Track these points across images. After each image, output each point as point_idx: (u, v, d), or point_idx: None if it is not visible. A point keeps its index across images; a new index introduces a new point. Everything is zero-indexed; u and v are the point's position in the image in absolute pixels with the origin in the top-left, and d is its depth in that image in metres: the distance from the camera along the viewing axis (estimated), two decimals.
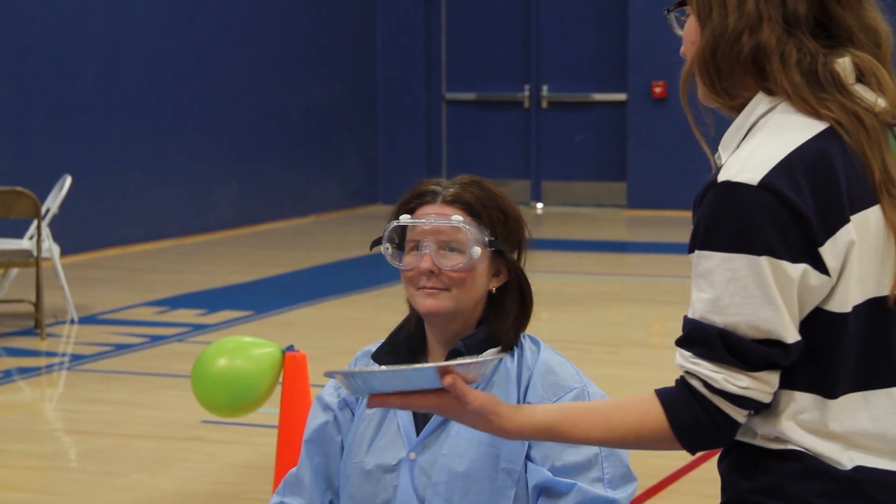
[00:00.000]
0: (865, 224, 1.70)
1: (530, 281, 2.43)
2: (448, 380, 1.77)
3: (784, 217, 1.66)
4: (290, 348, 3.43)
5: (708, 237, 1.70)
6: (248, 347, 3.39)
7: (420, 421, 2.36)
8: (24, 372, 6.67)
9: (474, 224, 2.34)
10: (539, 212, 13.09)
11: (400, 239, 2.40)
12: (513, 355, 2.37)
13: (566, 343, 6.97)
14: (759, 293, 1.67)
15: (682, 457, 5.02)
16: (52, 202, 7.88)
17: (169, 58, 10.83)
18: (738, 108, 1.79)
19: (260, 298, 8.50)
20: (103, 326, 7.65)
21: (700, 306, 1.72)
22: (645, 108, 12.66)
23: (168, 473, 4.95)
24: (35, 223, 7.52)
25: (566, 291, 8.65)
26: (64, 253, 8.55)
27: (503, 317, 2.36)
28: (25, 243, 7.82)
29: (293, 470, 2.50)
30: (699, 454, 1.88)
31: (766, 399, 1.71)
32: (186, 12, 11.00)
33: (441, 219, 2.34)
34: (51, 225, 7.86)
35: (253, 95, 11.71)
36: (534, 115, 13.21)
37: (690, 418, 1.71)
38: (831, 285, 1.69)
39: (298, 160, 12.32)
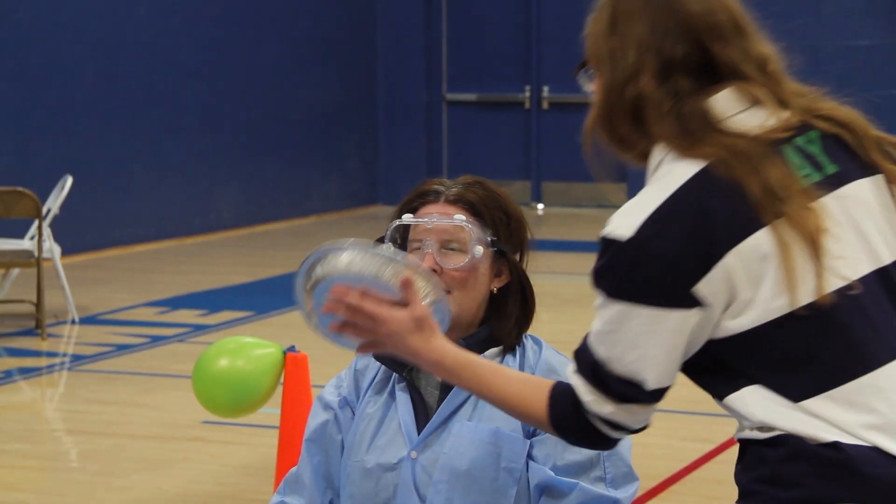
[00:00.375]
0: (756, 248, 1.77)
1: (532, 282, 2.43)
2: (407, 275, 1.94)
3: (653, 267, 1.77)
4: (292, 349, 3.43)
5: (596, 279, 1.84)
6: (249, 348, 3.40)
7: (421, 420, 2.36)
8: (25, 372, 6.67)
9: (477, 224, 2.35)
10: (540, 213, 13.09)
11: (402, 238, 2.41)
12: (514, 355, 2.37)
13: (567, 344, 6.94)
14: (626, 338, 1.80)
15: (682, 458, 5.02)
16: (53, 202, 7.88)
17: (169, 58, 10.83)
18: (644, 158, 1.90)
19: (261, 299, 8.50)
20: (104, 327, 7.66)
21: (592, 332, 1.86)
22: None
23: (169, 474, 4.95)
24: (36, 223, 7.52)
25: (567, 293, 8.64)
26: (65, 253, 8.55)
27: (505, 317, 2.36)
28: (26, 243, 7.83)
29: (293, 469, 2.50)
30: (698, 456, 1.94)
31: (636, 425, 1.87)
32: (187, 13, 11.00)
33: (444, 218, 2.34)
34: (52, 225, 7.87)
35: (254, 96, 11.72)
36: (534, 116, 13.22)
37: (567, 420, 1.88)
38: (716, 316, 1.79)
39: (299, 160, 12.32)
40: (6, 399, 6.17)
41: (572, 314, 7.86)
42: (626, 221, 1.81)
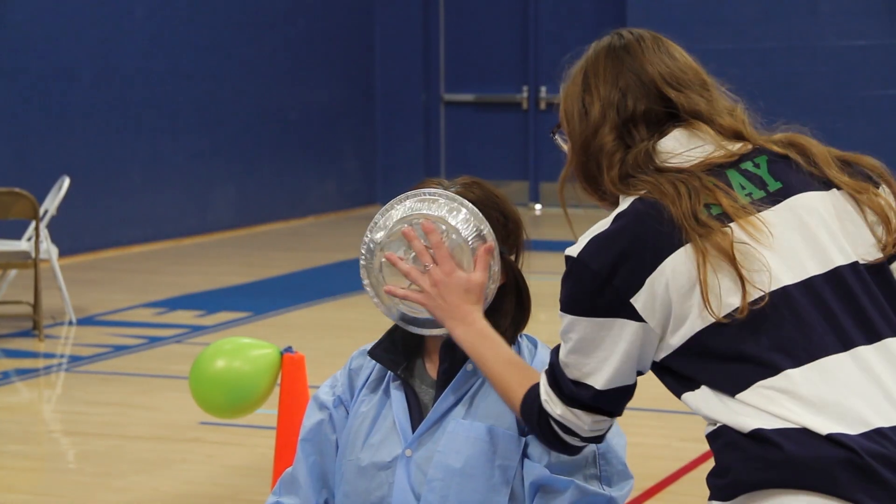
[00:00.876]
0: (678, 265, 1.96)
1: (528, 282, 2.43)
2: (492, 245, 2.32)
3: (591, 283, 2.00)
4: (289, 350, 3.43)
5: (560, 294, 2.06)
6: (246, 349, 3.39)
7: (415, 417, 2.36)
8: (23, 373, 6.67)
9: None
10: (537, 213, 13.10)
11: None
12: None
13: None
14: (578, 345, 2.02)
15: (679, 458, 5.02)
16: (51, 203, 7.88)
17: (167, 59, 10.83)
18: (615, 204, 2.09)
19: (258, 300, 8.50)
20: (101, 328, 7.65)
21: (561, 337, 2.07)
22: None
23: (166, 475, 4.95)
24: (33, 224, 7.52)
25: None
26: (62, 254, 8.56)
27: (501, 317, 2.36)
28: (23, 245, 7.82)
29: (289, 469, 2.50)
30: (696, 456, 2.00)
31: (583, 433, 2.05)
32: (184, 14, 11.00)
33: None
34: (49, 226, 7.86)
35: (251, 97, 11.72)
36: (532, 117, 13.22)
37: (530, 414, 2.09)
38: (656, 331, 1.98)
39: (296, 161, 12.32)
40: (3, 400, 6.17)
41: None
42: (578, 244, 2.07)
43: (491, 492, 2.28)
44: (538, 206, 13.28)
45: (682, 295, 1.96)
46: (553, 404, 2.05)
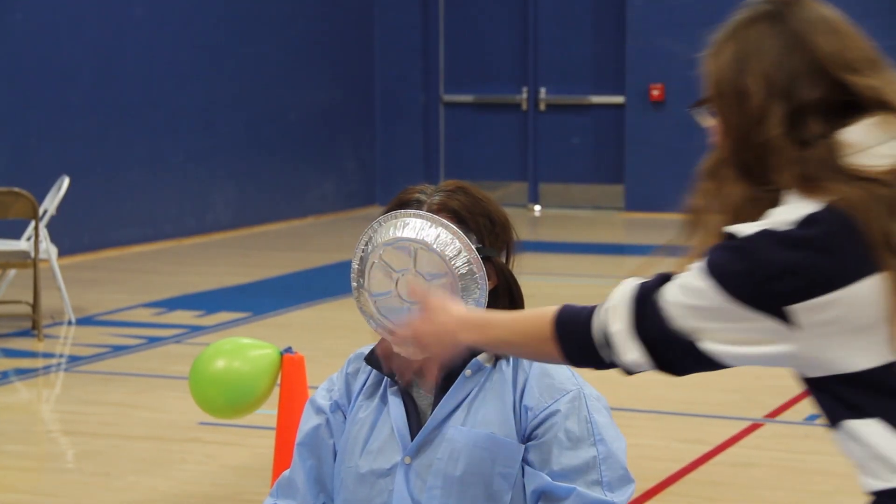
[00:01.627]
0: (867, 293, 1.76)
1: (527, 283, 2.42)
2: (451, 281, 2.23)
3: (760, 272, 1.76)
4: (288, 350, 3.43)
5: (712, 257, 1.81)
6: (245, 349, 3.40)
7: (413, 424, 2.35)
8: (22, 373, 6.67)
9: (461, 231, 2.32)
10: (537, 214, 13.10)
11: None
12: (508, 359, 2.35)
13: None
14: (704, 311, 1.80)
15: (680, 459, 5.03)
16: (50, 203, 7.88)
17: (166, 59, 10.83)
18: (767, 199, 1.84)
19: (257, 300, 8.50)
20: (101, 328, 7.66)
21: (675, 283, 1.85)
22: (643, 111, 12.67)
23: (165, 475, 4.95)
24: (33, 224, 7.52)
25: (563, 294, 8.65)
26: (61, 254, 8.56)
27: None
28: (23, 244, 7.82)
29: (286, 473, 2.49)
30: (696, 457, 1.91)
31: (617, 359, 1.88)
32: (184, 14, 11.00)
33: None
34: (48, 226, 7.87)
35: (250, 97, 11.72)
36: (531, 118, 13.22)
37: (571, 315, 1.91)
38: (810, 350, 1.79)
39: (296, 162, 12.33)
40: (2, 400, 6.17)
41: None
42: (749, 226, 1.80)
43: (491, 499, 2.27)
44: (537, 207, 13.28)
45: (861, 326, 1.76)
46: (617, 317, 1.88)
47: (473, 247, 2.30)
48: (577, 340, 1.90)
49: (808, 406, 5.56)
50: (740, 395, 6.01)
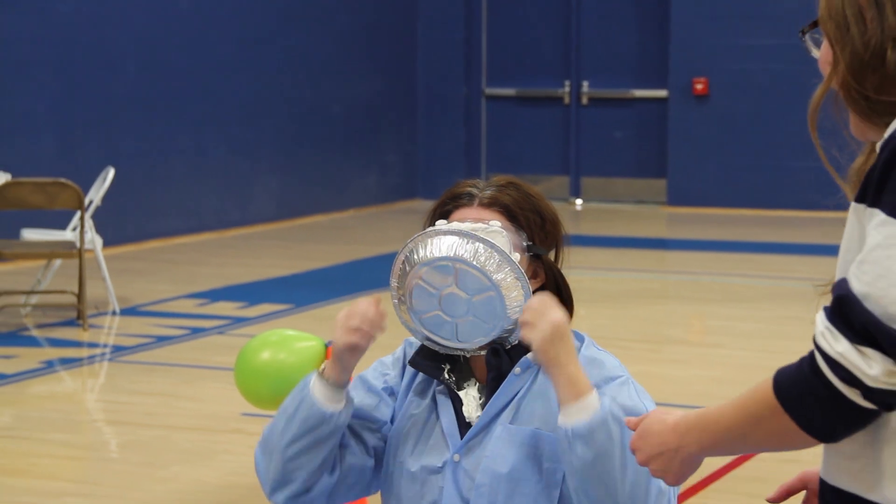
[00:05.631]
0: None
1: (568, 277, 2.40)
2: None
3: None
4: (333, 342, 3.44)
5: (885, 193, 1.60)
6: (291, 340, 3.39)
7: (462, 422, 2.34)
8: (67, 362, 6.72)
9: (512, 228, 2.31)
10: (578, 208, 13.06)
11: None
12: None
13: (605, 340, 6.92)
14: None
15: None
16: (96, 194, 7.93)
17: (211, 52, 10.87)
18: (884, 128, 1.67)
19: (299, 292, 8.52)
20: (144, 318, 7.70)
21: (857, 260, 1.61)
22: (686, 105, 12.60)
23: (209, 465, 4.97)
24: (78, 214, 7.57)
25: (605, 288, 8.62)
26: (106, 245, 8.61)
27: None
28: (69, 234, 7.88)
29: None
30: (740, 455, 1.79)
31: (867, 380, 1.56)
32: (229, 6, 11.04)
33: (479, 223, 2.30)
34: (94, 216, 7.92)
35: (294, 89, 11.75)
36: (574, 111, 13.18)
37: (795, 375, 1.62)
38: None
39: (338, 154, 12.35)
40: (48, 389, 6.21)
41: (611, 310, 7.84)
42: None
43: (539, 495, 2.25)
44: (579, 201, 13.24)
45: None
46: (833, 340, 1.58)
47: (512, 257, 2.26)
48: (810, 391, 1.60)
49: None
50: None
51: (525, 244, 2.31)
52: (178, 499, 4.61)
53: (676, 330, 7.55)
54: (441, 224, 2.31)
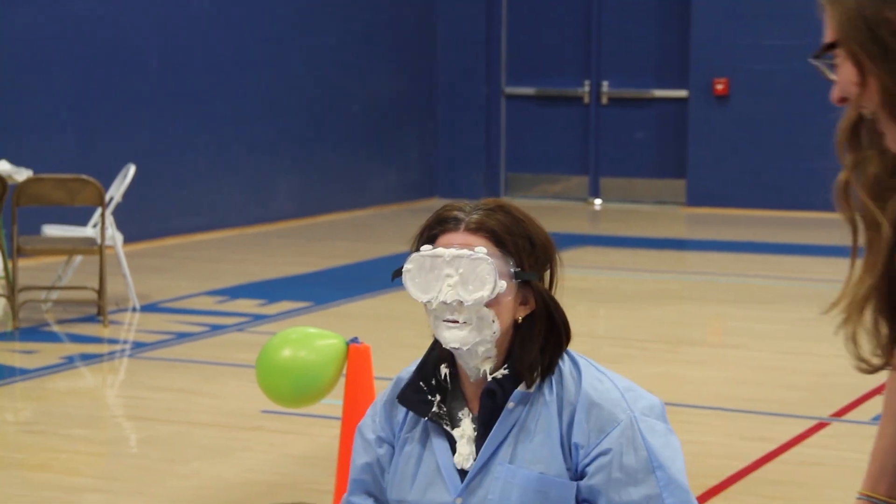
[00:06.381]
0: None
1: (587, 277, 2.38)
2: None
3: None
4: (355, 340, 3.44)
5: None
6: (313, 338, 3.41)
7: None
8: (87, 358, 6.74)
9: (499, 254, 2.24)
10: (597, 208, 13.04)
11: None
12: (551, 387, 2.27)
13: (623, 340, 6.93)
14: None
15: (744, 457, 4.99)
16: (116, 190, 7.96)
17: (231, 49, 10.90)
18: None
19: (319, 290, 8.54)
20: (164, 314, 7.72)
21: None
22: (706, 106, 12.58)
23: (229, 462, 4.99)
24: (99, 211, 7.60)
25: (624, 289, 8.60)
26: (126, 241, 8.63)
27: (529, 347, 2.26)
28: (89, 231, 7.91)
29: (347, 498, 2.43)
30: (759, 456, 1.78)
31: None
32: (250, 4, 11.06)
33: (464, 249, 2.24)
34: (114, 213, 7.94)
35: (314, 87, 11.77)
36: (593, 111, 13.17)
37: None
38: None
39: (358, 152, 12.36)
40: (69, 385, 6.24)
41: (629, 310, 7.83)
42: None
43: None
44: (598, 201, 13.23)
45: None
46: None
47: (499, 284, 2.23)
48: None
49: (874, 405, 5.50)
50: (805, 393, 5.96)
51: (513, 271, 2.24)
52: (198, 495, 4.63)
53: (694, 331, 7.54)
54: (426, 249, 2.27)
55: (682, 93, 12.75)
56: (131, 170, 8.00)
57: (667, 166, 13.01)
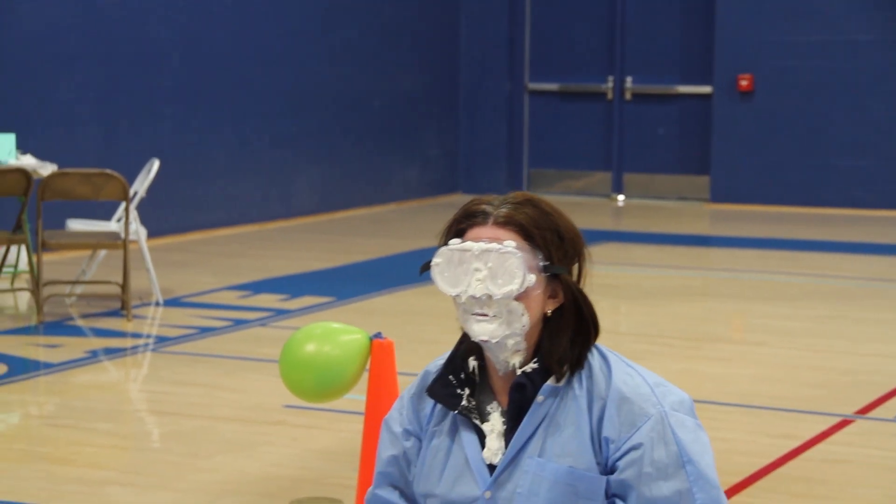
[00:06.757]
0: None
1: (610, 273, 2.36)
2: None
3: None
4: (378, 335, 3.44)
5: None
6: (336, 333, 3.41)
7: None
8: (111, 352, 6.76)
9: (527, 248, 2.24)
10: (620, 204, 13.01)
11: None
12: (580, 381, 2.27)
13: (647, 337, 6.91)
14: None
15: (768, 454, 4.97)
16: (140, 185, 7.98)
17: (254, 45, 10.91)
18: None
19: (341, 285, 8.55)
20: (187, 309, 7.74)
21: None
22: (730, 102, 12.53)
23: (252, 457, 4.99)
24: (123, 206, 7.62)
25: (647, 285, 8.58)
26: (150, 236, 8.66)
27: (558, 341, 2.26)
28: (114, 225, 7.94)
29: (373, 490, 2.43)
30: (783, 453, 1.78)
31: None
32: (272, 0, 11.08)
33: (493, 243, 2.24)
34: (138, 208, 7.96)
35: (336, 83, 11.77)
36: (617, 107, 13.13)
37: None
38: None
39: (380, 148, 12.37)
40: (92, 379, 6.26)
41: (652, 307, 7.80)
42: None
43: None
44: (621, 197, 13.19)
45: None
46: None
47: (528, 277, 2.22)
48: None
49: None
50: (829, 390, 5.93)
51: (542, 264, 2.24)
52: (220, 489, 4.64)
53: (718, 327, 7.51)
54: (454, 243, 2.27)
55: (707, 89, 12.71)
56: (155, 164, 8.02)
57: (690, 162, 12.97)
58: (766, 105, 12.43)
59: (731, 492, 4.54)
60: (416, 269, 2.36)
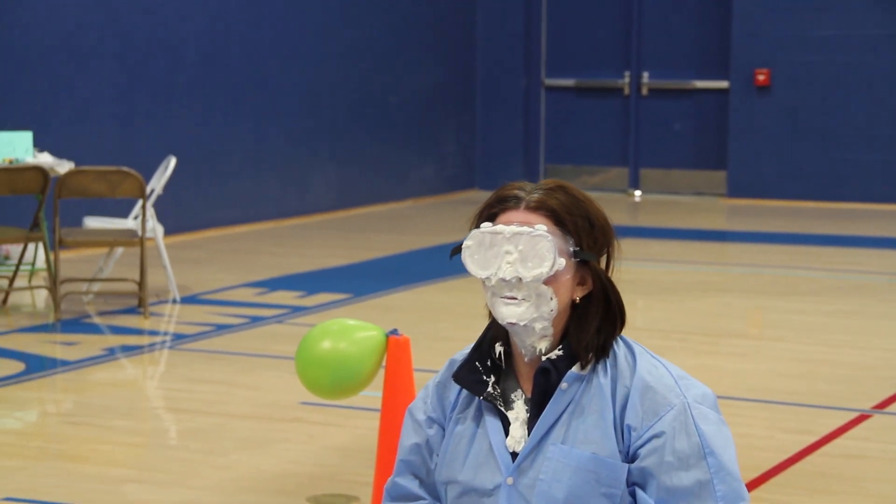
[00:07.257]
0: None
1: (627, 269, 2.35)
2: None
3: None
4: (394, 332, 3.44)
5: None
6: (352, 330, 3.41)
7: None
8: (128, 350, 6.78)
9: (558, 233, 2.25)
10: (637, 199, 12.99)
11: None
12: (605, 369, 2.28)
13: (663, 332, 6.90)
14: None
15: (786, 449, 4.95)
16: (157, 182, 7.99)
17: (270, 41, 10.92)
18: None
19: (357, 282, 8.55)
20: (204, 306, 7.75)
21: None
22: (747, 97, 12.50)
23: (268, 454, 5.00)
24: (140, 203, 7.63)
25: (664, 280, 8.57)
26: (167, 233, 8.68)
27: (585, 328, 2.27)
28: (130, 223, 7.96)
29: (393, 480, 2.43)
30: (801, 448, 1.78)
31: None
32: None
33: (524, 227, 2.25)
34: (154, 205, 7.98)
35: (352, 80, 11.77)
36: (633, 102, 13.11)
37: None
38: None
39: (396, 144, 12.37)
40: (109, 376, 6.27)
41: (669, 302, 7.79)
42: None
43: None
44: (637, 193, 13.17)
45: None
46: None
47: (558, 262, 2.23)
48: None
49: None
50: (846, 385, 5.91)
51: (572, 250, 2.25)
52: (237, 486, 4.64)
53: (736, 323, 7.49)
54: (486, 227, 2.29)
55: (724, 84, 12.68)
56: (172, 162, 8.03)
57: (707, 157, 12.94)
58: (783, 100, 12.39)
59: (749, 487, 4.53)
60: (432, 265, 2.37)
